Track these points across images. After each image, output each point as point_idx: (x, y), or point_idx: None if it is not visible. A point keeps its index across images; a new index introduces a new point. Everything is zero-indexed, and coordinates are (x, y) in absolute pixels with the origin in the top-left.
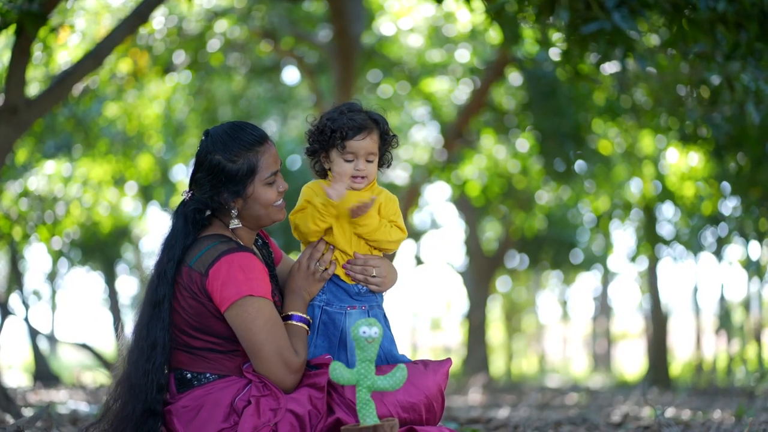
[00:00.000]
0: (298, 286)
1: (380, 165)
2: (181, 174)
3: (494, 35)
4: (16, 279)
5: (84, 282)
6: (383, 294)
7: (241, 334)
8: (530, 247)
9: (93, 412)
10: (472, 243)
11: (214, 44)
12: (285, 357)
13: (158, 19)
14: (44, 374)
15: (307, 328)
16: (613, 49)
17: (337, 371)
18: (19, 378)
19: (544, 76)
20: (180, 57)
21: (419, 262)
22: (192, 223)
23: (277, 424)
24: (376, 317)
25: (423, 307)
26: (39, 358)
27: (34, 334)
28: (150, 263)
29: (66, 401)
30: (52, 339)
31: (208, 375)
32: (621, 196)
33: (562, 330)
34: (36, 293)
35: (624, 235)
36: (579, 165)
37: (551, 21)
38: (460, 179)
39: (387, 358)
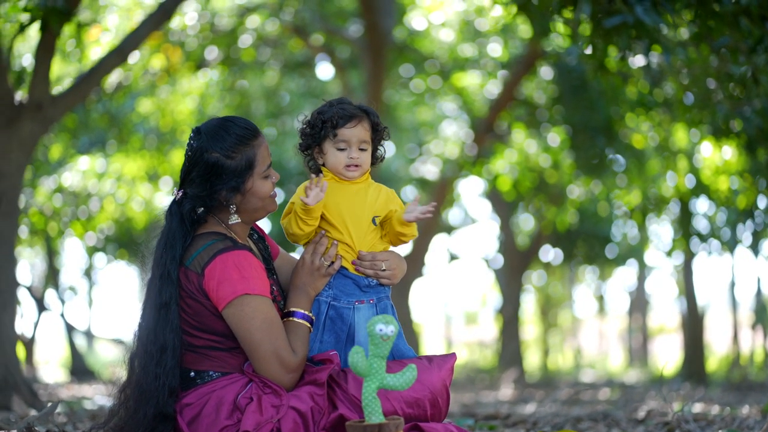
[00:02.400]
0: (302, 282)
1: (373, 161)
2: None
3: (525, 29)
4: (52, 275)
5: (121, 277)
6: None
7: (238, 334)
8: (564, 241)
9: None
10: (506, 237)
11: (246, 40)
12: (281, 356)
13: (190, 15)
14: (80, 370)
15: (309, 326)
16: (636, 43)
17: (357, 357)
18: (55, 373)
19: (574, 70)
20: (212, 53)
21: (453, 257)
22: (190, 223)
23: (279, 420)
24: (385, 309)
25: (457, 302)
26: (75, 353)
27: (70, 329)
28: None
29: (93, 397)
30: (88, 335)
31: (211, 373)
32: (655, 189)
33: (599, 325)
34: (72, 289)
35: (660, 230)
36: (612, 159)
37: (574, 14)
38: (491, 174)
39: (393, 352)
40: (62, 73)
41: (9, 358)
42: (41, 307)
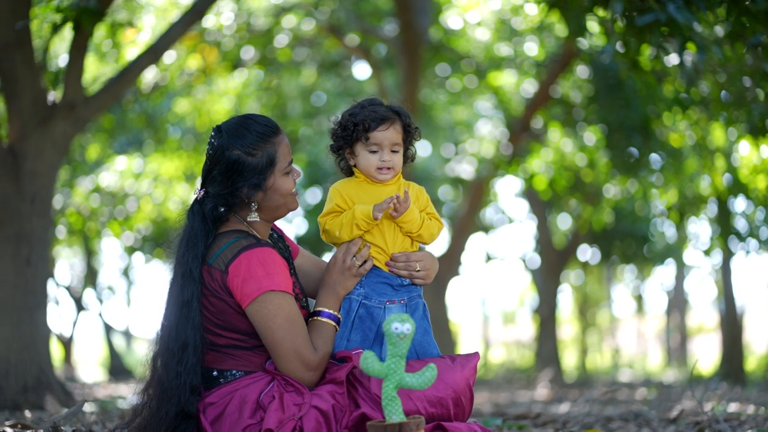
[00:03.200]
0: (333, 281)
1: (404, 160)
2: None
3: (561, 28)
4: (90, 275)
5: (158, 277)
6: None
7: (261, 331)
8: (601, 240)
9: None
10: (543, 237)
11: (282, 40)
12: (302, 354)
13: (227, 15)
14: (118, 369)
15: (335, 325)
16: (668, 41)
17: (368, 362)
18: (94, 373)
19: (610, 69)
20: (249, 53)
21: (490, 257)
22: (212, 221)
23: (302, 418)
24: (416, 308)
25: (495, 302)
26: (113, 353)
27: (108, 329)
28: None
29: (129, 396)
30: (126, 334)
31: (234, 372)
32: (693, 188)
33: (637, 324)
34: (110, 288)
35: (698, 229)
36: (650, 158)
37: (606, 12)
38: (527, 173)
39: (418, 350)
40: (99, 73)
41: (42, 358)
42: (80, 307)
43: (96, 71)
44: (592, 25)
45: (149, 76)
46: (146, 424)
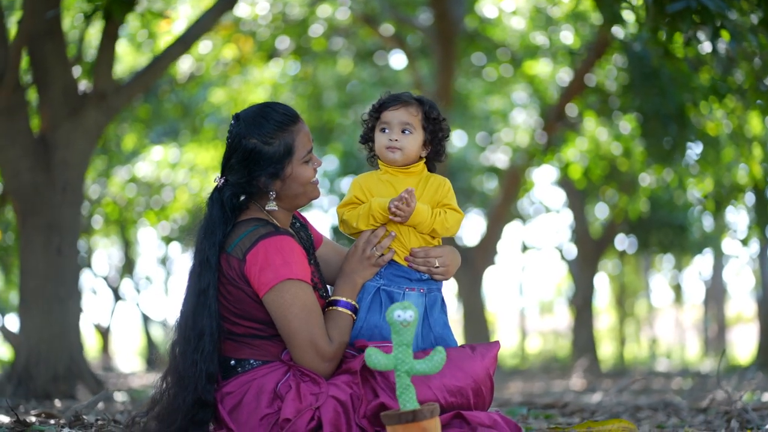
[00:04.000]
0: (351, 269)
1: (435, 156)
2: None
3: (597, 16)
4: (127, 265)
5: None
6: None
7: (277, 321)
8: (638, 230)
9: None
10: (579, 226)
11: (316, 29)
12: (317, 344)
13: (262, 5)
14: (157, 359)
15: (352, 315)
16: (700, 29)
17: (373, 357)
18: (132, 363)
19: (645, 57)
20: (284, 42)
21: (525, 247)
22: (230, 209)
23: (319, 408)
24: (435, 301)
25: (532, 292)
26: (151, 342)
27: (146, 319)
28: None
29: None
30: (164, 324)
31: (251, 361)
32: (730, 177)
33: (675, 314)
34: (147, 278)
35: (736, 218)
36: (687, 147)
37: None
38: (562, 162)
39: (438, 344)
40: (136, 64)
41: (73, 347)
42: (117, 297)
43: (133, 62)
44: (627, 12)
45: (185, 66)
46: (164, 412)
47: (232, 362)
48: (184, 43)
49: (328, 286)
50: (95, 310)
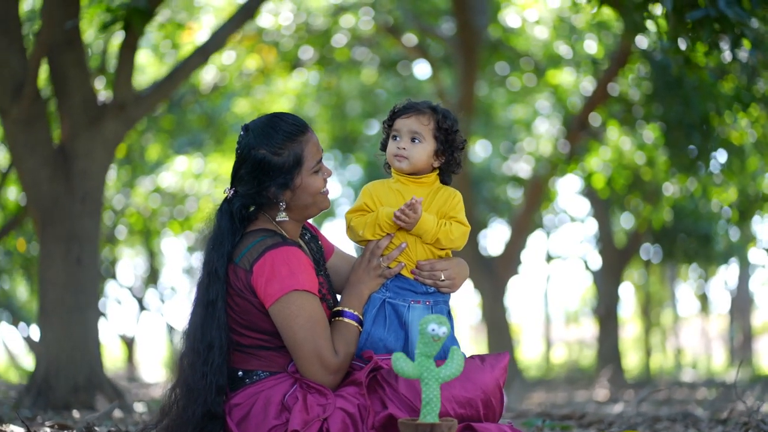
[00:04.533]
0: (357, 279)
1: (448, 167)
2: None
3: (619, 25)
4: (152, 275)
5: None
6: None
7: (282, 332)
8: (663, 239)
9: None
10: (603, 236)
11: (340, 39)
12: (322, 357)
13: (285, 15)
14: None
15: (358, 326)
16: (720, 37)
17: (400, 363)
18: (157, 373)
19: (668, 66)
20: (307, 53)
21: (550, 257)
22: (239, 220)
23: (327, 419)
24: (441, 313)
25: (557, 301)
26: (175, 352)
27: (170, 329)
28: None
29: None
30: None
31: (259, 372)
32: (755, 187)
33: (702, 324)
34: (172, 288)
35: (762, 228)
36: (711, 156)
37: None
38: (585, 171)
39: (444, 355)
40: (159, 74)
41: (93, 357)
42: (142, 307)
43: (157, 72)
44: (649, 21)
45: (209, 76)
46: (173, 424)
47: (240, 373)
48: (204, 53)
49: (338, 297)
50: (120, 321)
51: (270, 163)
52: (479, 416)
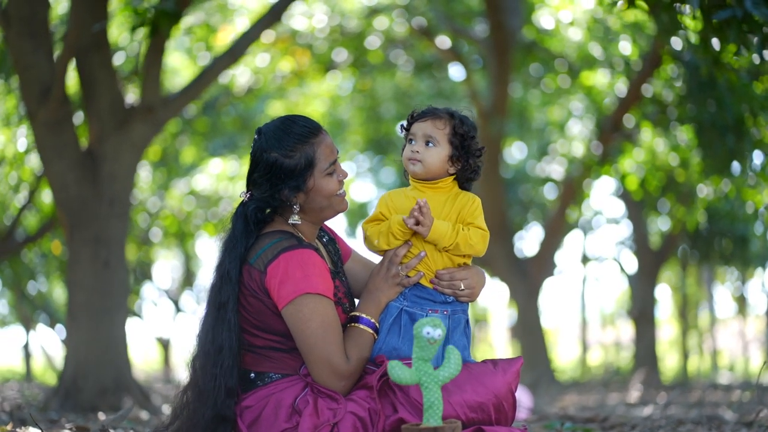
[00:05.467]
0: (375, 287)
1: (465, 173)
2: (347, 171)
3: (653, 26)
4: (188, 277)
5: None
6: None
7: (295, 335)
8: (699, 241)
9: None
10: (639, 237)
11: (373, 41)
12: (333, 362)
13: (319, 17)
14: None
15: (373, 333)
16: (749, 38)
17: (397, 370)
18: None
19: (699, 66)
20: (341, 55)
21: (586, 259)
22: (253, 223)
23: (337, 424)
24: (458, 323)
25: (593, 304)
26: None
27: None
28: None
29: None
30: None
31: (271, 374)
32: None
33: (740, 326)
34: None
35: None
36: (746, 157)
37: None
38: (619, 173)
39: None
40: (194, 76)
41: (121, 360)
42: (178, 309)
43: (191, 74)
44: (678, 22)
45: (243, 79)
46: (184, 427)
47: (252, 375)
48: (232, 55)
49: (356, 300)
50: (156, 323)
51: (282, 166)
52: (491, 421)
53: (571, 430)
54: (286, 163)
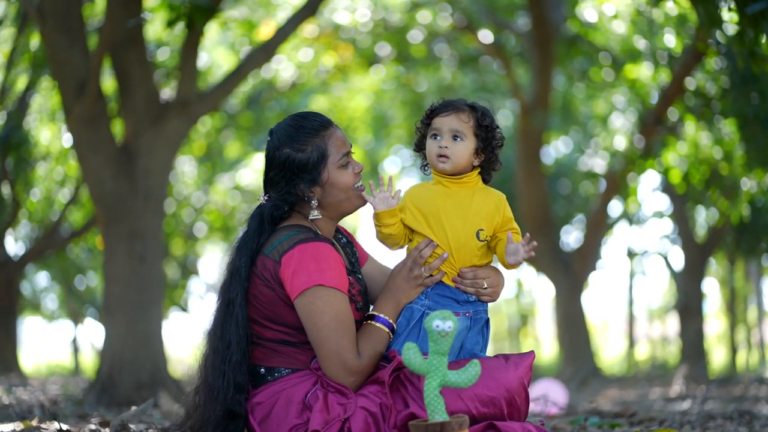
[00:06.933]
0: (396, 287)
1: (488, 165)
2: (391, 166)
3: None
4: None
5: None
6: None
7: (307, 327)
8: (746, 234)
9: None
10: (684, 231)
11: (416, 36)
12: (343, 357)
13: (362, 12)
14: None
15: (389, 332)
16: None
17: (410, 354)
18: None
19: (735, 59)
20: (384, 49)
21: (632, 253)
22: (268, 222)
23: (349, 419)
24: (479, 323)
25: (640, 298)
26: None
27: None
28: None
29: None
30: None
31: (281, 370)
32: None
33: None
34: None
35: None
36: None
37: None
38: (662, 166)
39: (468, 355)
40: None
41: (156, 355)
42: None
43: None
44: (719, 15)
45: (286, 74)
46: (197, 424)
47: (262, 370)
48: (267, 50)
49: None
50: (202, 317)
51: (295, 161)
52: (503, 415)
53: (596, 425)
54: (298, 158)
